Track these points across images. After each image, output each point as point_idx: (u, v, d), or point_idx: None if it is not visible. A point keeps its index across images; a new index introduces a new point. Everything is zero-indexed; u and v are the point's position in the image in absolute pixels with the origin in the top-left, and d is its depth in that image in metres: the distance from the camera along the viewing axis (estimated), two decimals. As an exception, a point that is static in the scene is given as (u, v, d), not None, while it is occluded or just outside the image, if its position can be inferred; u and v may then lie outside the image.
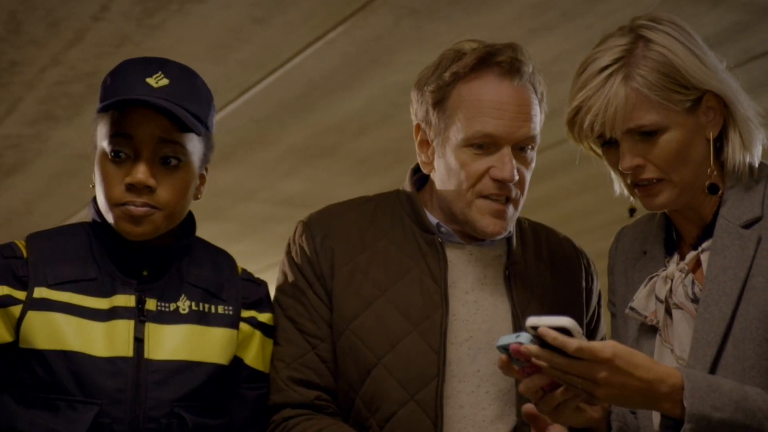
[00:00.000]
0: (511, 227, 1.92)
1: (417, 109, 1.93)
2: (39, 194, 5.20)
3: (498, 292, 1.91)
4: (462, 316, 1.87)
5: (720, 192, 1.72)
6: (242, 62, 3.79)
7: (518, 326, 1.86)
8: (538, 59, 1.93)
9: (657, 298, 1.74)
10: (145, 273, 1.82)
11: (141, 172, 1.75)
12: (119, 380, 1.74)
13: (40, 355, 1.74)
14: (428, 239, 1.91)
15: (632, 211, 1.84)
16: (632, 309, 1.76)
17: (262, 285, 1.93)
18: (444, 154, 1.88)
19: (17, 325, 1.75)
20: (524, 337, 1.55)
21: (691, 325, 1.68)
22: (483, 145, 1.84)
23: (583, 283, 2.00)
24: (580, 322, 1.94)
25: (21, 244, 1.83)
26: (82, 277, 1.79)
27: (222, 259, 1.93)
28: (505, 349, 1.57)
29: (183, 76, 1.83)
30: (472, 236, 1.92)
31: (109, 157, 1.77)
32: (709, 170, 1.71)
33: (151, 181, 1.75)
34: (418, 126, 1.94)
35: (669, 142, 1.68)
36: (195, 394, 1.79)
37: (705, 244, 1.71)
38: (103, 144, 1.78)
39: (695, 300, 1.69)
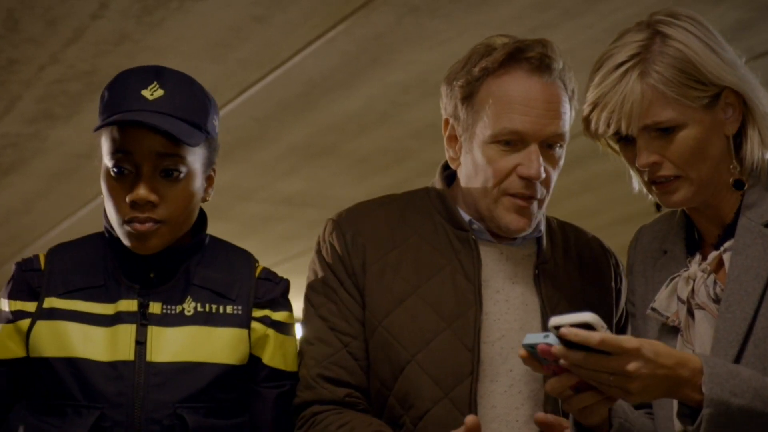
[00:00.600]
0: (535, 224, 1.91)
1: (446, 103, 1.93)
2: (37, 193, 5.21)
3: (528, 291, 1.90)
4: (493, 315, 1.87)
5: (742, 189, 1.71)
6: (242, 61, 3.79)
7: (547, 324, 1.86)
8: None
9: (679, 299, 1.73)
10: (152, 276, 1.84)
11: (142, 189, 1.77)
12: (120, 384, 1.77)
13: (48, 363, 1.78)
14: (461, 236, 1.90)
15: (659, 206, 1.83)
16: (654, 309, 1.75)
17: (281, 283, 1.93)
18: (471, 149, 1.88)
19: (27, 337, 1.80)
20: (552, 338, 1.53)
21: (713, 325, 1.67)
22: (510, 141, 1.83)
23: (612, 284, 2.00)
24: (609, 321, 1.94)
25: (42, 256, 1.87)
26: (91, 285, 1.83)
27: (237, 258, 1.94)
28: (531, 347, 1.56)
29: (179, 85, 1.82)
30: (502, 234, 1.92)
31: (112, 174, 1.79)
32: (731, 167, 1.70)
33: (153, 197, 1.77)
34: (446, 121, 1.93)
35: (686, 139, 1.67)
36: (200, 395, 1.80)
37: (727, 244, 1.70)
38: (106, 160, 1.80)
39: (717, 300, 1.68)
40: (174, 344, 1.80)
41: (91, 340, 1.79)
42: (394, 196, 2.01)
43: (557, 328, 1.51)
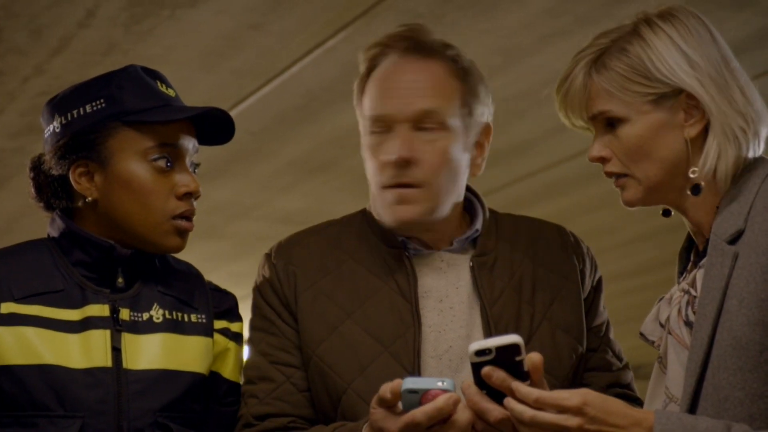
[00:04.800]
0: (426, 212, 1.89)
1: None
2: (21, 212, 5.20)
3: (472, 291, 1.91)
4: (439, 326, 1.88)
5: (698, 194, 1.69)
6: (237, 71, 3.79)
7: (487, 320, 1.86)
8: (551, 67, 1.93)
9: (660, 322, 1.73)
10: (120, 281, 1.85)
11: (194, 180, 1.87)
12: (100, 391, 1.77)
13: (11, 371, 1.75)
14: (395, 254, 1.93)
15: (666, 212, 1.82)
16: (641, 334, 1.75)
17: (230, 295, 2.00)
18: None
19: None
20: (449, 383, 1.53)
21: (678, 351, 1.67)
22: (381, 130, 1.88)
23: (575, 266, 1.98)
24: (576, 302, 1.94)
25: None
26: (49, 290, 1.82)
27: (186, 267, 1.99)
28: (413, 392, 1.55)
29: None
30: (441, 240, 1.94)
31: (162, 167, 1.84)
32: (691, 171, 1.69)
33: (200, 189, 1.87)
34: None
35: (629, 136, 1.68)
36: (177, 404, 1.82)
37: (702, 261, 1.68)
38: (146, 155, 1.84)
39: (690, 323, 1.66)
40: (149, 351, 1.82)
41: (61, 347, 1.77)
42: (332, 221, 2.05)
43: (480, 353, 1.50)
